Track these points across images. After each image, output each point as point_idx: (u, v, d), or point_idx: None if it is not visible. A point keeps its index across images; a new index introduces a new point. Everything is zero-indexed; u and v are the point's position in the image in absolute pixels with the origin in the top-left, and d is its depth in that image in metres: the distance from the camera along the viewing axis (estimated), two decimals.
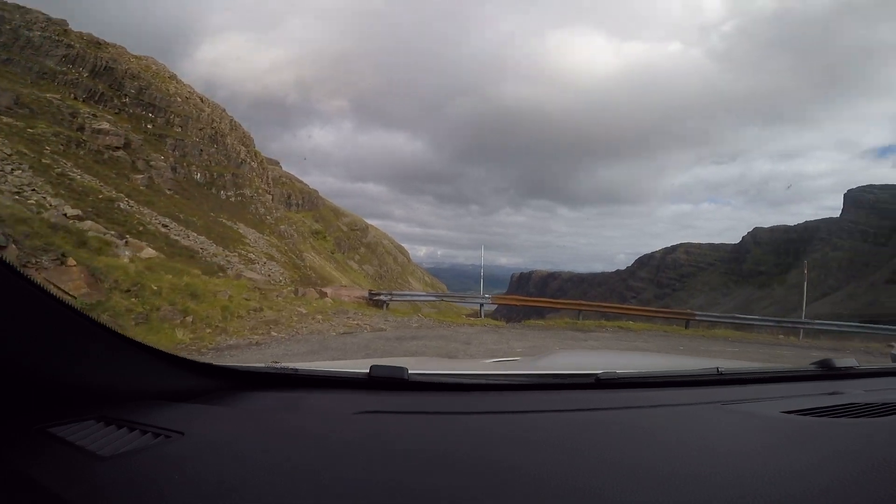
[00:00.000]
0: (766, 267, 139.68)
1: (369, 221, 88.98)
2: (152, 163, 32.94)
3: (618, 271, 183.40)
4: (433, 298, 18.45)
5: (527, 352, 8.51)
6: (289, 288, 13.22)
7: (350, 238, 73.81)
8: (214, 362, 1.10)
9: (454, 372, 1.39)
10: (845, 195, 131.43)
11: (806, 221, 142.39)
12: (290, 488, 0.65)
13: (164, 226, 23.69)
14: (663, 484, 0.67)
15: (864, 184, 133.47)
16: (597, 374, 1.21)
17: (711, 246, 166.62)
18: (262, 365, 1.16)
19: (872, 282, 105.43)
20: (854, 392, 1.25)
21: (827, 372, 1.47)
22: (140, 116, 36.67)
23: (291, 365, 1.17)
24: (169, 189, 32.16)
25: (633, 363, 2.00)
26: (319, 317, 10.08)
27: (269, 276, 24.65)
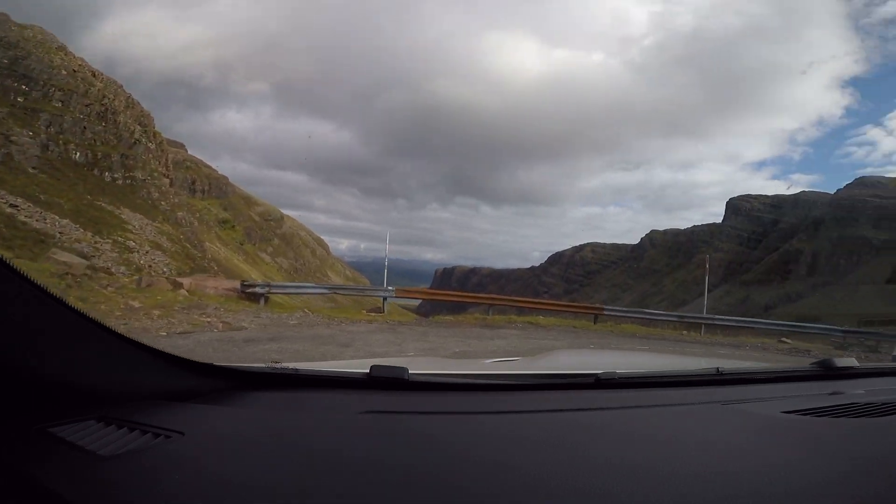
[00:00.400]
0: (660, 266, 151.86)
1: (286, 212, 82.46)
2: (13, 138, 27.48)
3: (532, 268, 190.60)
4: (323, 291, 16.18)
5: (421, 353, 7.10)
6: (133, 277, 10.47)
7: (263, 228, 67.16)
8: (215, 362, 1.05)
9: (454, 372, 1.36)
10: (727, 203, 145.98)
11: (693, 226, 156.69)
12: (290, 488, 0.63)
13: (13, 206, 19.35)
14: (664, 483, 0.65)
15: (743, 193, 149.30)
16: (597, 374, 1.18)
17: (614, 246, 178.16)
18: (263, 365, 1.12)
19: (745, 280, 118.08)
20: (854, 392, 1.22)
21: (827, 372, 1.45)
22: (9, 88, 30.61)
23: (292, 365, 1.13)
24: (33, 167, 26.96)
25: (632, 363, 2.00)
26: (157, 312, 7.72)
27: (151, 266, 21.02)
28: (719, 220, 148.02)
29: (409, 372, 1.07)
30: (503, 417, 0.96)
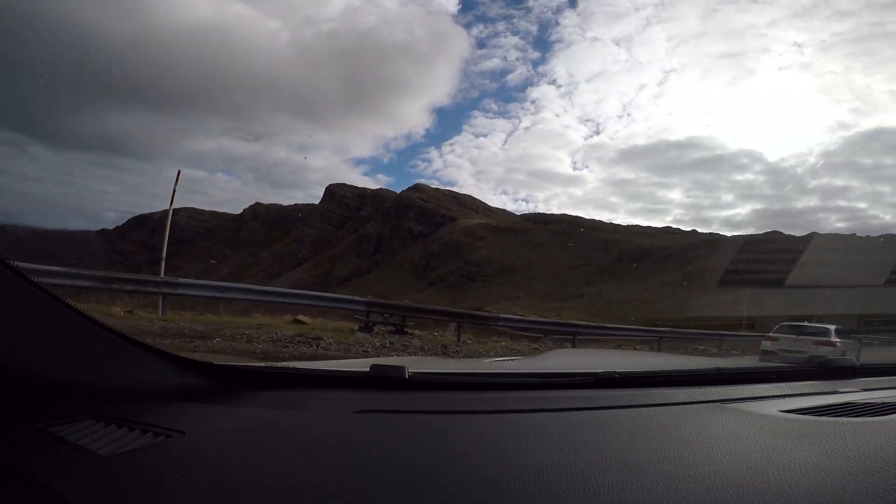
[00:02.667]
0: (260, 238, 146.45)
1: None
2: None
3: (104, 230, 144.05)
4: None
5: None
6: None
7: None
8: (215, 361, 1.02)
9: (454, 371, 1.30)
10: (326, 188, 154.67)
11: (296, 204, 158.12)
12: (290, 487, 0.61)
13: None
14: (663, 482, 0.63)
15: (339, 182, 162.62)
16: (596, 373, 1.15)
17: (214, 214, 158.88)
18: (263, 364, 1.09)
19: (330, 256, 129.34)
20: (853, 391, 1.20)
21: (826, 371, 1.41)
22: None
23: (291, 364, 1.11)
24: None
25: (631, 363, 1.91)
26: None
27: None
28: (318, 201, 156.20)
29: (409, 371, 1.03)
30: (502, 416, 0.92)
